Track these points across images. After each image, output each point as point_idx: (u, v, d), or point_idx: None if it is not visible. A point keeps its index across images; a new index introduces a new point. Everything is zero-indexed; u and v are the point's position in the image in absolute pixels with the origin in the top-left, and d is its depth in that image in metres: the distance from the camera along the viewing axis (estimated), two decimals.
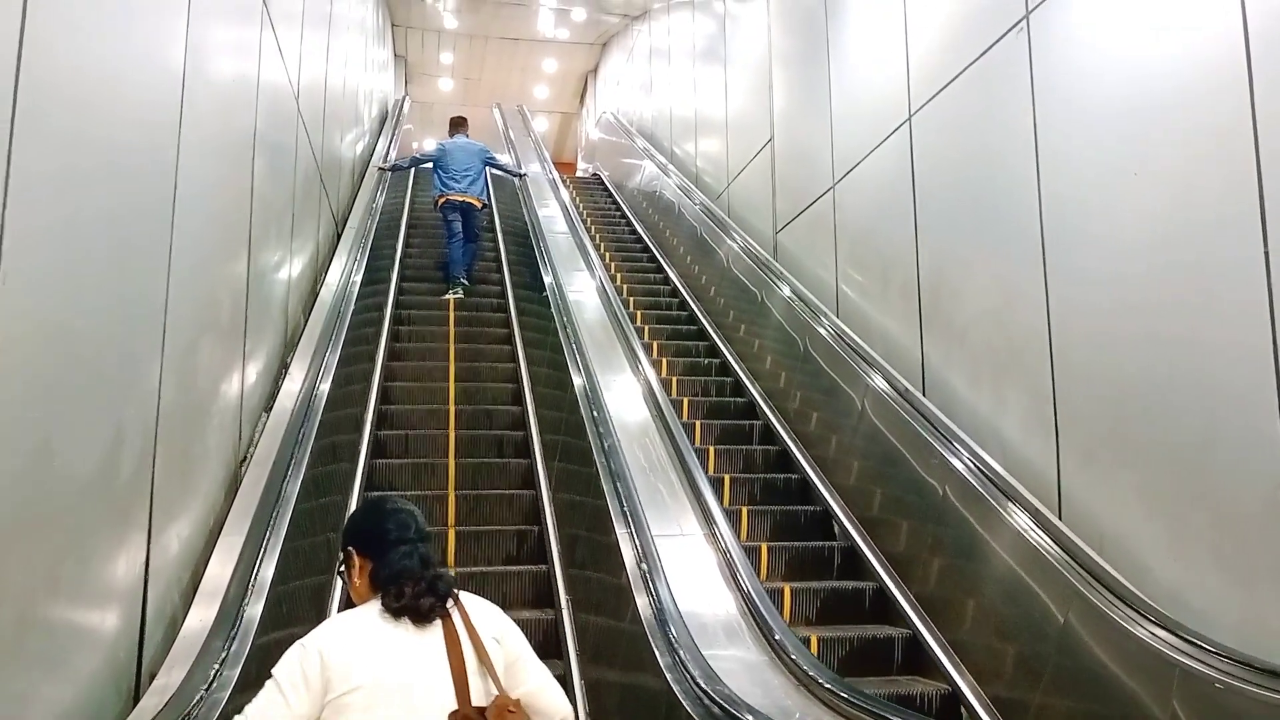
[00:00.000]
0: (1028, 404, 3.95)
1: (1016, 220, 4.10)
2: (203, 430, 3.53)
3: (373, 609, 1.97)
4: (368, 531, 2.08)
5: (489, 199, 9.43)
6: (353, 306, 6.28)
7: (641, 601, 3.51)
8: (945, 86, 4.78)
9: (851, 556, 4.71)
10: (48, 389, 2.12)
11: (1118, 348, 3.46)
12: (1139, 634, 2.91)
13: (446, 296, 8.18)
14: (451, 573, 2.21)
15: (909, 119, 5.13)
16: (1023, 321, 4.01)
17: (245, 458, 4.18)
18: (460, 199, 8.61)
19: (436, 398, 6.50)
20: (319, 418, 4.66)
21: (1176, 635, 2.81)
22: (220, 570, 3.32)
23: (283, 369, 5.16)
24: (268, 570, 3.38)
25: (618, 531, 3.98)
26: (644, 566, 3.65)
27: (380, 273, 7.78)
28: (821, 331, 5.68)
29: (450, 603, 2.00)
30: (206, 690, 2.55)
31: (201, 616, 3.06)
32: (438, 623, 1.96)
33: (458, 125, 9.24)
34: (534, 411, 6.17)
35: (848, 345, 5.37)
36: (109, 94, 2.50)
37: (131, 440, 2.66)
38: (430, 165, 9.03)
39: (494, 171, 9.76)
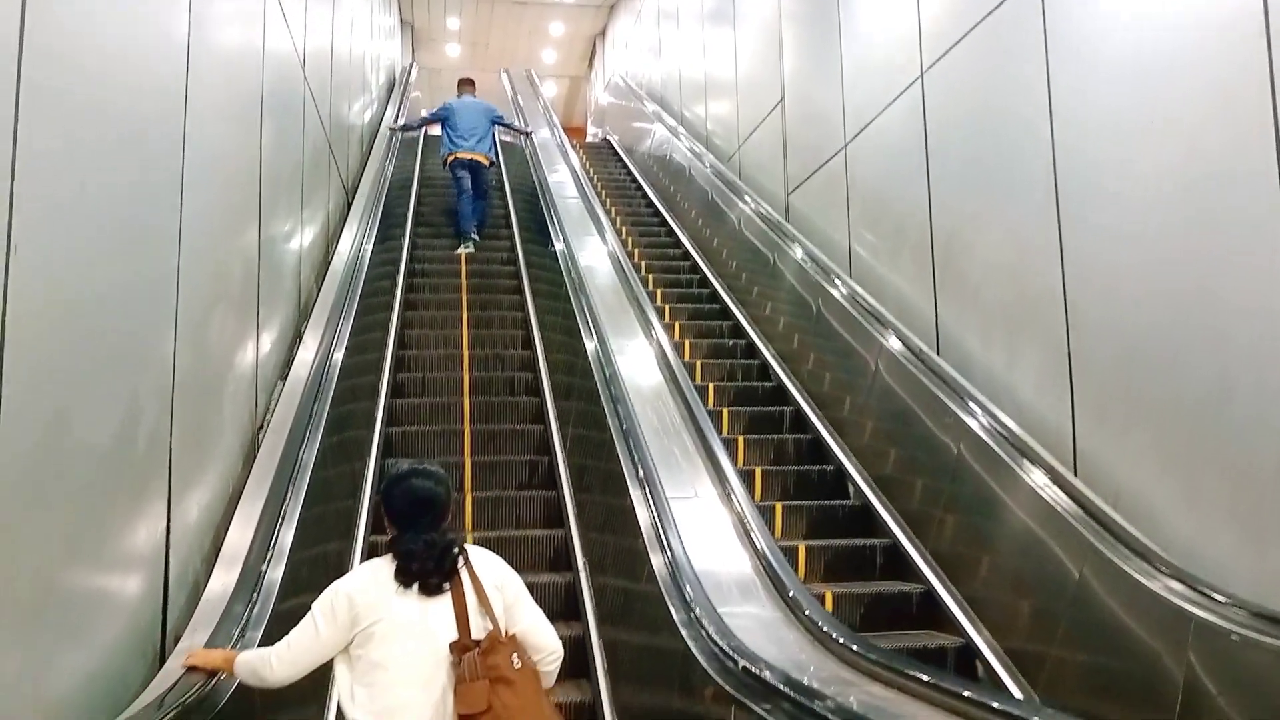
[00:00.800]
0: (1042, 361, 3.93)
1: (1030, 176, 4.05)
2: (219, 399, 3.56)
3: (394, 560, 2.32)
4: (389, 501, 2.40)
5: (498, 160, 9.50)
6: (365, 273, 6.30)
7: (656, 560, 3.54)
8: (958, 42, 4.71)
9: (894, 554, 4.45)
10: (63, 361, 2.14)
11: (1133, 303, 3.43)
12: (1153, 587, 2.92)
13: (458, 251, 8.43)
14: (464, 537, 2.38)
15: (921, 76, 5.06)
16: (1037, 278, 3.97)
17: (262, 425, 4.22)
18: (469, 156, 8.85)
19: (451, 343, 6.89)
20: (334, 385, 4.69)
21: (1192, 588, 2.81)
22: (240, 535, 3.37)
23: (297, 338, 5.18)
24: (287, 535, 3.43)
25: (633, 494, 4.01)
26: (659, 528, 3.67)
27: (394, 229, 8.01)
28: (835, 294, 5.65)
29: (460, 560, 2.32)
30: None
31: (223, 580, 3.10)
32: None
33: (465, 85, 9.44)
34: (544, 357, 6.41)
35: (862, 307, 5.34)
36: (115, 63, 2.49)
37: (148, 410, 2.69)
38: (439, 126, 9.23)
39: (504, 136, 9.79)
